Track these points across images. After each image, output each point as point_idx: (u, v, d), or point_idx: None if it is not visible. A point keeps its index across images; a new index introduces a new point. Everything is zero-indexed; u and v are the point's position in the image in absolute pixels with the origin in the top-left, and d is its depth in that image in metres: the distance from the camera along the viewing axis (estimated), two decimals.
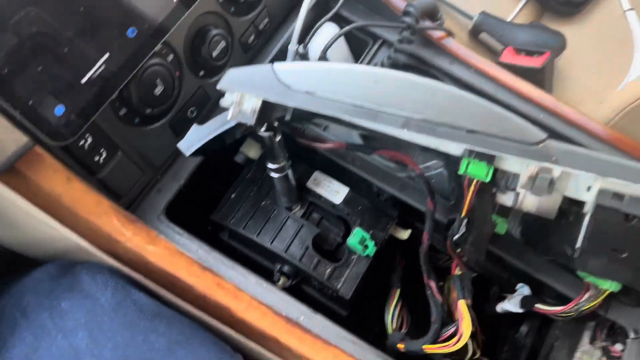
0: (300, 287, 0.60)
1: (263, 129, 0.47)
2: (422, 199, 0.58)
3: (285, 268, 0.59)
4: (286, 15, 0.64)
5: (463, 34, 0.94)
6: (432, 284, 0.56)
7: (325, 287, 0.58)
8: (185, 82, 0.56)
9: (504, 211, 0.52)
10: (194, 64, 0.57)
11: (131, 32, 0.44)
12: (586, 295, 0.53)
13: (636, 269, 0.45)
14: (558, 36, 0.89)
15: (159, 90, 0.52)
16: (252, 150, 0.62)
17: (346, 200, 0.60)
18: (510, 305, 0.59)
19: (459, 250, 0.53)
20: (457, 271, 0.55)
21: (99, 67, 0.43)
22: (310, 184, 0.60)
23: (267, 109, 0.46)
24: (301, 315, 0.53)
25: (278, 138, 0.48)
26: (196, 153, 0.50)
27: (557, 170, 0.44)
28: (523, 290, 0.60)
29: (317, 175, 0.61)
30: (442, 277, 0.61)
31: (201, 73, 0.58)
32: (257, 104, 0.45)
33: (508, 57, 0.80)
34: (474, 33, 0.92)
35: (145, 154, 0.55)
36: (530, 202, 0.47)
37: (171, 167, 0.59)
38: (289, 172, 0.55)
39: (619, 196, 0.44)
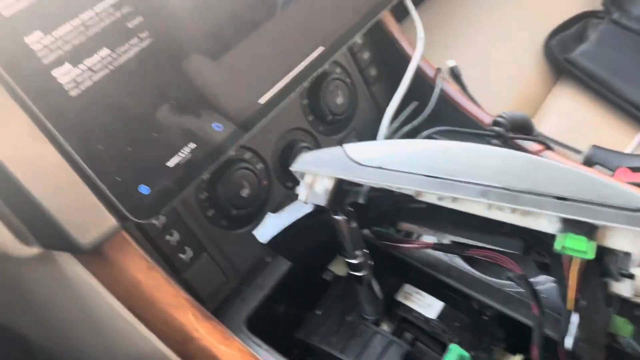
0: None
1: (338, 214, 0.46)
2: (531, 314, 0.50)
3: None
4: (374, 136, 0.66)
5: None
6: None
7: None
8: (273, 191, 0.58)
9: (629, 310, 0.43)
10: (283, 174, 0.59)
11: (217, 127, 0.48)
12: None
13: None
14: None
15: (245, 192, 0.54)
16: (339, 268, 0.60)
17: (441, 316, 0.53)
18: None
19: None
20: None
21: (185, 154, 0.46)
22: (399, 297, 0.56)
23: (340, 192, 0.45)
24: None
25: (353, 225, 0.46)
26: (277, 248, 0.50)
27: None
28: None
29: (407, 288, 0.56)
30: None
31: (289, 184, 0.60)
32: (329, 184, 0.45)
33: (622, 176, 0.73)
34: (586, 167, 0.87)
35: (231, 258, 0.56)
36: None
37: (257, 277, 0.58)
38: (371, 277, 0.51)
39: None
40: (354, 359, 0.52)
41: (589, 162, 0.87)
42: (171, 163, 0.46)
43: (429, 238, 0.55)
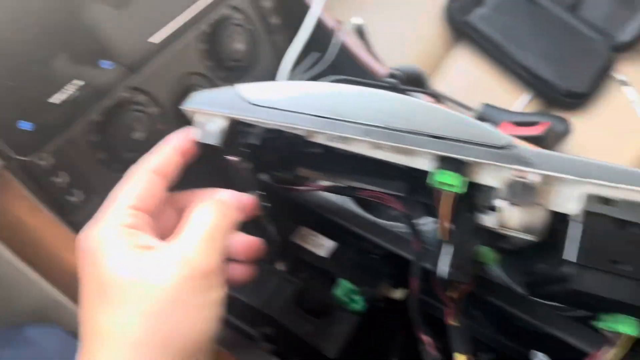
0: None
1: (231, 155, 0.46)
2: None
3: (267, 330, 0.54)
4: None
5: None
6: (426, 338, 0.50)
7: (309, 349, 0.52)
8: None
9: (493, 241, 0.48)
10: (182, 119, 0.59)
11: (105, 64, 0.47)
12: (606, 347, 0.46)
13: (638, 282, 0.39)
14: (562, 120, 0.90)
15: (138, 135, 0.53)
16: None
17: (333, 255, 0.56)
18: None
19: (448, 292, 0.48)
20: (451, 320, 0.49)
21: (70, 90, 0.45)
22: (295, 238, 0.58)
23: (234, 132, 0.46)
24: None
25: (247, 166, 0.48)
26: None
27: (533, 175, 0.41)
28: (537, 357, 0.52)
29: (302, 230, 0.58)
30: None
31: None
32: (222, 124, 0.45)
33: (505, 129, 0.79)
34: None
35: None
36: (513, 218, 0.43)
37: None
38: (267, 220, 0.53)
39: (610, 201, 0.40)
40: (247, 296, 0.53)
41: (480, 119, 0.94)
42: (55, 99, 0.44)
43: (324, 183, 0.57)
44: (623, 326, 0.43)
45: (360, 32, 0.99)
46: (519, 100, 1.03)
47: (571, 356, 0.50)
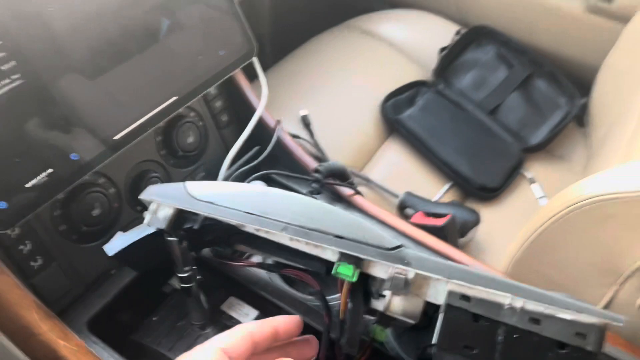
0: None
1: (171, 236, 0.56)
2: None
3: None
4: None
5: (391, 209, 1.08)
6: None
7: None
8: (124, 213, 0.67)
9: (385, 321, 0.58)
10: (133, 199, 0.69)
11: (74, 157, 0.57)
12: None
13: None
14: (473, 212, 1.03)
15: (96, 212, 0.63)
16: (178, 282, 0.70)
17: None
18: None
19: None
20: None
21: (43, 177, 0.54)
22: (224, 307, 0.67)
23: (179, 219, 0.56)
24: None
25: (183, 245, 0.57)
26: (124, 261, 0.59)
27: (411, 272, 0.52)
28: None
29: (231, 300, 0.68)
30: None
31: (139, 208, 0.69)
32: (169, 212, 0.55)
33: (417, 218, 0.92)
34: (400, 209, 1.06)
35: (78, 269, 0.63)
36: (396, 304, 0.54)
37: (101, 286, 0.66)
38: (198, 290, 0.62)
39: (466, 297, 0.52)
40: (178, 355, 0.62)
41: (402, 205, 1.06)
42: (30, 184, 0.54)
43: (257, 258, 0.67)
44: None
45: (305, 121, 1.12)
46: (439, 189, 1.16)
47: None
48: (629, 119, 0.96)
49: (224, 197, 0.55)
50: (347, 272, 0.53)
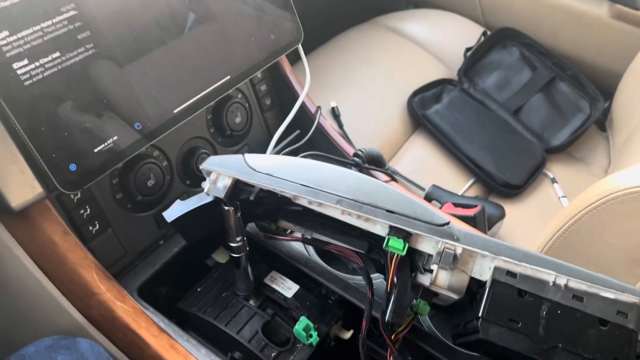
0: None
1: (228, 206, 0.59)
2: (364, 299, 0.66)
3: (237, 354, 0.65)
4: (263, 152, 0.80)
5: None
6: None
7: None
8: (174, 186, 0.70)
9: (428, 296, 0.61)
10: (183, 173, 0.71)
11: (137, 126, 0.59)
12: None
13: (528, 337, 0.52)
14: (498, 207, 1.06)
15: (151, 183, 0.65)
16: (220, 257, 0.73)
17: (296, 296, 0.68)
18: None
19: (391, 333, 0.60)
20: (390, 358, 0.61)
21: (109, 144, 0.57)
22: (267, 280, 0.69)
23: (236, 189, 0.59)
24: None
25: (238, 215, 0.60)
26: (179, 228, 0.61)
27: (459, 248, 0.55)
28: None
29: (273, 274, 0.70)
30: None
31: (188, 182, 0.72)
32: (228, 181, 0.58)
33: (447, 208, 0.94)
34: (426, 201, 1.08)
35: (131, 237, 0.66)
36: (442, 279, 0.56)
37: (150, 255, 0.68)
38: (247, 261, 0.64)
39: (512, 274, 0.54)
40: (224, 324, 0.64)
41: (428, 198, 1.09)
42: (97, 149, 0.56)
43: (298, 235, 0.70)
44: None
45: (335, 113, 1.15)
46: (464, 184, 1.19)
47: None
48: None
49: (281, 170, 0.58)
50: (397, 246, 0.55)
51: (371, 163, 0.80)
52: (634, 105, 1.20)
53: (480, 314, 0.54)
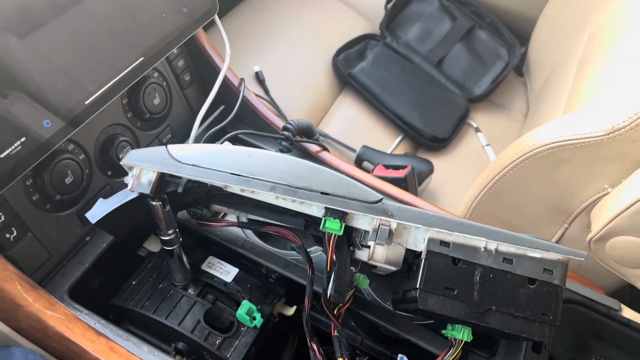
0: None
1: (155, 201, 0.56)
2: (304, 275, 0.66)
3: (180, 345, 0.64)
4: (187, 133, 0.77)
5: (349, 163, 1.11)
6: (314, 346, 0.62)
7: (216, 358, 0.62)
8: (94, 179, 0.66)
9: (367, 270, 0.61)
10: (103, 164, 0.67)
11: (46, 124, 0.55)
12: (450, 351, 0.61)
13: (464, 303, 0.54)
14: (427, 162, 1.08)
15: (69, 180, 0.61)
16: (153, 245, 0.70)
17: (236, 279, 0.67)
18: None
19: (334, 308, 0.61)
20: (335, 332, 0.62)
21: (17, 147, 0.52)
22: (204, 266, 0.68)
23: (162, 183, 0.56)
24: None
25: (167, 208, 0.57)
26: (105, 227, 0.58)
27: (393, 223, 0.55)
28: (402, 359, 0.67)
29: (211, 259, 0.69)
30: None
31: (109, 173, 0.68)
32: (152, 176, 0.55)
33: (378, 171, 0.95)
34: (358, 162, 1.09)
35: (54, 238, 0.62)
36: (379, 253, 0.57)
37: (77, 254, 0.65)
38: (181, 251, 0.63)
39: (445, 243, 0.56)
40: (164, 317, 0.63)
41: (359, 159, 1.09)
42: (4, 154, 0.52)
43: (232, 217, 0.68)
44: (459, 333, 0.58)
45: (259, 78, 1.11)
46: (392, 142, 1.20)
47: (426, 357, 0.66)
48: (568, 69, 1.02)
49: (208, 159, 0.55)
50: (334, 227, 0.55)
51: (301, 134, 0.79)
52: (548, 51, 1.24)
53: (417, 285, 0.55)
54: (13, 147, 0.52)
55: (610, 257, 0.70)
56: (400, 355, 0.66)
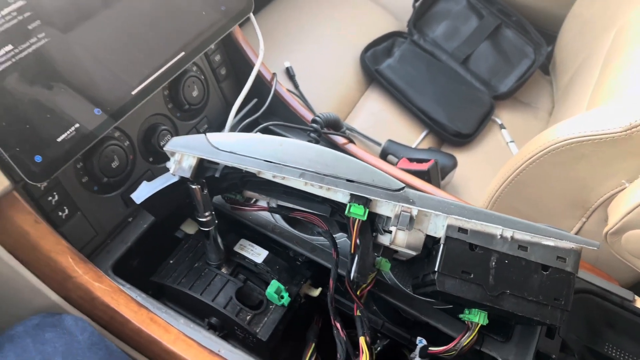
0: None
1: (194, 184, 0.61)
2: (330, 259, 0.71)
3: (213, 319, 0.68)
4: (222, 123, 0.81)
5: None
6: (337, 324, 0.66)
7: (246, 334, 0.67)
8: (137, 164, 0.71)
9: (389, 254, 0.65)
10: (146, 151, 0.72)
11: (97, 112, 0.60)
12: (467, 334, 0.65)
13: (480, 286, 0.58)
14: (450, 157, 1.11)
15: (115, 164, 0.67)
16: (189, 228, 0.75)
17: (266, 261, 0.72)
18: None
19: (357, 289, 0.65)
20: (357, 312, 0.66)
21: (71, 132, 0.58)
22: (237, 248, 0.73)
23: (201, 168, 0.61)
24: (222, 349, 0.62)
25: (205, 192, 0.62)
26: (148, 208, 0.63)
27: (414, 210, 0.59)
28: (421, 342, 0.70)
29: (242, 241, 0.74)
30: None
31: (150, 159, 0.73)
32: (193, 161, 0.60)
33: (402, 164, 0.99)
34: (383, 155, 1.13)
35: (100, 218, 0.67)
36: (400, 238, 0.60)
37: (120, 233, 0.70)
38: (216, 233, 0.67)
39: (463, 230, 0.59)
40: (199, 293, 0.68)
41: (384, 152, 1.13)
42: (60, 139, 0.57)
43: (263, 203, 0.73)
44: (475, 317, 0.62)
45: (289, 73, 1.16)
46: (417, 137, 1.23)
47: (443, 340, 0.69)
48: (593, 66, 1.04)
49: (243, 147, 0.60)
50: (358, 212, 0.59)
51: (329, 127, 0.83)
52: (575, 50, 1.25)
53: (436, 269, 0.59)
54: (68, 132, 0.57)
55: (625, 249, 0.72)
56: (419, 338, 0.70)
